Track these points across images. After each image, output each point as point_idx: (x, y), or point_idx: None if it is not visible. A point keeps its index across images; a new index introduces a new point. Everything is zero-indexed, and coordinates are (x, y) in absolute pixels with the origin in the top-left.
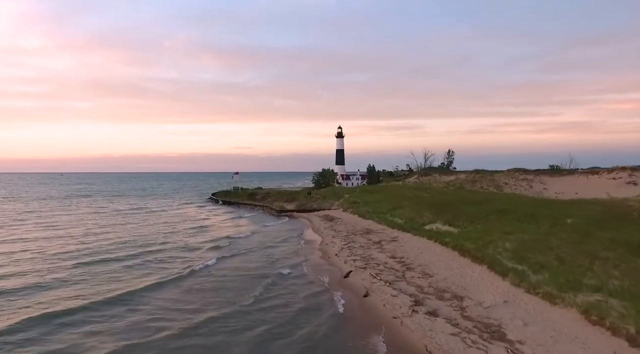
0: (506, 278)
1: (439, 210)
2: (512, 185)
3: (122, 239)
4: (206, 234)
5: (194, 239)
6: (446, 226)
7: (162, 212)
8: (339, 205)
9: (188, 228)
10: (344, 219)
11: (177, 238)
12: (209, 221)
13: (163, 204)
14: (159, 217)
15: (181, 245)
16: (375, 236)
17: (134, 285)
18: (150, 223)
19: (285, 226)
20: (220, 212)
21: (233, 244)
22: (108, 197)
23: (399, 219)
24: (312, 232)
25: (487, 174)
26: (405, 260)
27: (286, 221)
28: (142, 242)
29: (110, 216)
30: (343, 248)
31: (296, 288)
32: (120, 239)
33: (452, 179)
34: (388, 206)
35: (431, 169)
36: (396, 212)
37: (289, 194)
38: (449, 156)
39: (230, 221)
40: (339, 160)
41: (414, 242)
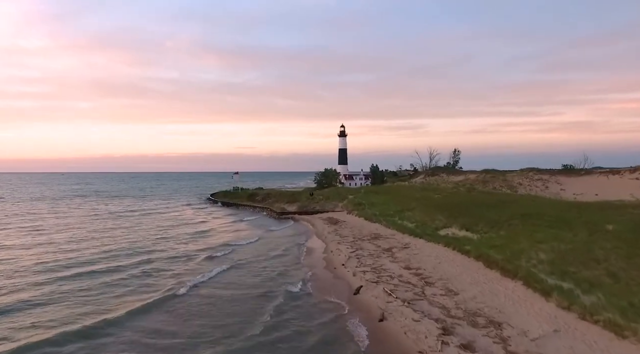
0: (550, 298)
1: (452, 213)
2: (527, 186)
3: (109, 247)
4: (202, 241)
5: (189, 247)
6: (463, 231)
7: (157, 215)
8: (343, 207)
9: (183, 233)
10: (349, 222)
11: (170, 245)
12: (206, 224)
13: (160, 206)
14: (153, 221)
15: (174, 254)
16: (385, 242)
17: (109, 310)
18: (143, 227)
19: (286, 231)
20: (218, 215)
21: (231, 253)
22: (104, 198)
23: (409, 222)
24: (316, 238)
25: (499, 174)
26: (423, 272)
27: (288, 225)
28: (131, 251)
29: (101, 219)
30: (350, 257)
31: (304, 312)
32: (106, 247)
33: (461, 180)
34: (396, 208)
35: (438, 169)
36: (405, 215)
37: (290, 195)
38: (455, 155)
39: (228, 225)
40: (342, 159)
41: (428, 249)
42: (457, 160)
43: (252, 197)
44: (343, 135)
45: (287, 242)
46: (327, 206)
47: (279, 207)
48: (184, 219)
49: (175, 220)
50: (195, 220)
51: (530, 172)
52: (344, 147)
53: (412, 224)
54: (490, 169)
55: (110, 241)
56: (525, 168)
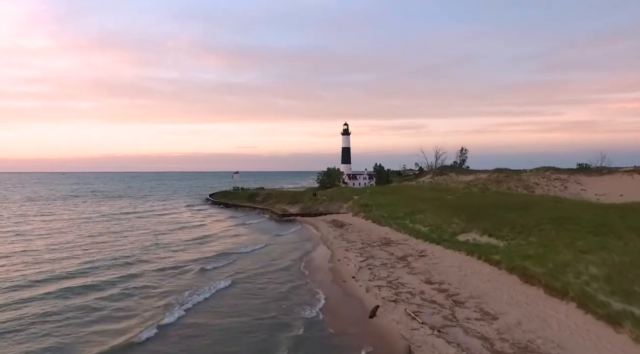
0: (621, 329)
1: (470, 216)
2: (544, 186)
3: (92, 257)
4: (197, 249)
5: (182, 257)
6: (485, 236)
7: (152, 218)
8: (348, 208)
9: (177, 240)
10: (356, 225)
11: (160, 255)
12: (203, 228)
13: (156, 207)
14: (146, 224)
15: (164, 265)
16: (398, 248)
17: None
18: (134, 233)
19: (289, 236)
20: (216, 217)
21: (229, 265)
22: (100, 199)
23: (422, 226)
24: (321, 244)
25: (513, 173)
26: (448, 287)
27: (291, 230)
28: (116, 262)
29: (91, 222)
30: (361, 267)
31: (314, 345)
32: (89, 258)
33: (472, 179)
34: (405, 210)
35: (446, 168)
36: (416, 218)
37: (292, 195)
38: (462, 154)
39: (226, 229)
40: (345, 159)
41: (449, 258)
42: (464, 159)
43: (253, 198)
44: (346, 133)
45: (290, 250)
46: (331, 208)
47: (280, 209)
48: (180, 222)
49: (171, 223)
50: (192, 223)
51: (546, 172)
52: (348, 146)
53: (426, 227)
54: (502, 168)
55: (95, 249)
56: (540, 167)
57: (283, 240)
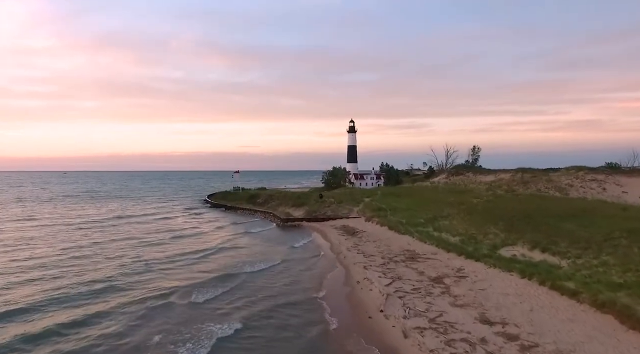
0: None
1: (510, 224)
2: (579, 187)
3: (47, 284)
4: (186, 269)
5: (165, 281)
6: (536, 251)
7: (142, 224)
8: (359, 212)
9: (164, 255)
10: (371, 233)
11: (140, 278)
12: (197, 238)
13: (150, 210)
14: (133, 232)
15: (140, 296)
16: (428, 265)
17: None
18: (115, 244)
19: (297, 248)
20: (213, 223)
21: (226, 296)
22: (92, 200)
23: (450, 235)
24: (333, 257)
25: (540, 173)
26: (517, 331)
27: (301, 242)
28: (75, 292)
29: (72, 229)
30: (389, 295)
31: None
32: (42, 284)
33: (493, 180)
34: (426, 215)
35: (462, 168)
36: (440, 225)
37: (296, 197)
38: (474, 152)
39: (223, 239)
40: (351, 157)
41: (498, 281)
42: (477, 158)
43: (253, 199)
44: (352, 131)
45: (300, 270)
46: (340, 211)
47: (283, 212)
48: (173, 230)
49: (161, 231)
50: (185, 231)
51: (580, 172)
52: (354, 144)
53: (455, 237)
54: (525, 167)
55: (58, 270)
56: (571, 166)
57: (290, 254)
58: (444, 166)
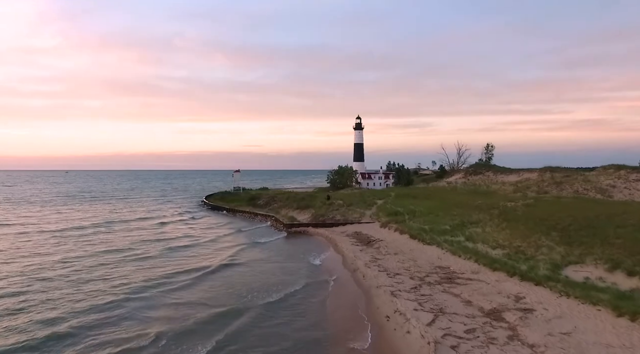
0: None
1: (567, 235)
2: (623, 188)
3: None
4: (169, 304)
5: (131, 328)
6: (619, 273)
7: (131, 232)
8: (372, 216)
9: (147, 275)
10: (390, 242)
11: (102, 319)
12: (190, 251)
13: (143, 213)
14: (117, 242)
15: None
16: (472, 290)
17: None
18: (91, 261)
19: (308, 266)
20: (209, 230)
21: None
22: (86, 201)
23: (487, 246)
24: (347, 278)
25: (573, 172)
26: None
27: (313, 259)
28: (18, 339)
29: (47, 238)
30: (437, 344)
31: None
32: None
33: (517, 180)
34: (452, 221)
35: (481, 166)
36: (472, 233)
37: (300, 199)
38: (488, 151)
39: (221, 253)
40: (358, 156)
41: (581, 319)
42: (491, 157)
43: (253, 201)
44: (359, 128)
45: (317, 300)
46: (350, 215)
47: (286, 216)
48: (163, 239)
49: (146, 242)
50: (174, 240)
51: (620, 171)
52: (361, 142)
53: (496, 250)
54: (553, 166)
55: (13, 301)
56: (608, 165)
57: (309, 275)
58: (455, 165)
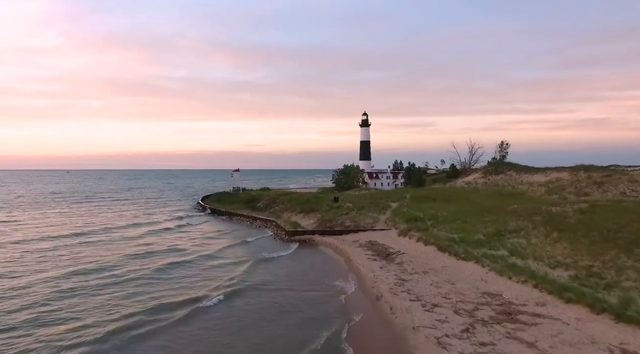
0: None
1: None
2: None
3: None
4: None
5: None
6: None
7: (112, 243)
8: (387, 222)
9: (112, 317)
10: (414, 255)
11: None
12: (179, 272)
13: (132, 218)
14: (89, 258)
15: None
16: (548, 335)
17: None
18: (47, 288)
19: (322, 291)
20: (202, 238)
21: None
22: (76, 203)
23: (542, 264)
24: (367, 308)
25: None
26: None
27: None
28: None
29: (7, 252)
30: None
31: None
32: None
33: (547, 180)
34: (484, 228)
35: (502, 165)
36: (516, 246)
37: (305, 201)
38: (502, 149)
39: (209, 273)
40: (364, 154)
41: None
42: (505, 155)
43: (252, 203)
44: (366, 125)
45: None
46: (362, 221)
47: (289, 221)
48: (147, 253)
49: (128, 258)
50: (162, 254)
51: None
52: (367, 140)
53: (555, 269)
54: (586, 164)
55: None
56: None
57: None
58: (467, 164)
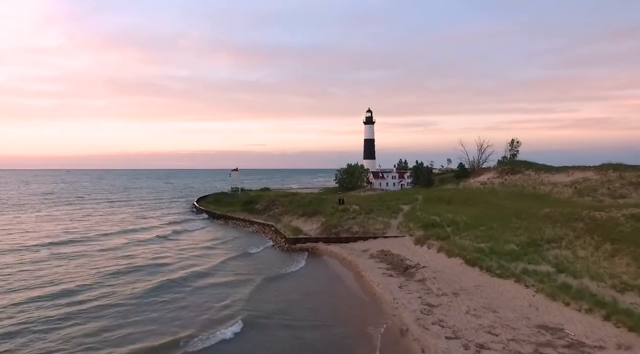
0: None
1: None
2: None
3: None
4: None
5: None
6: None
7: (89, 258)
8: (401, 228)
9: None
10: (437, 269)
11: None
12: (156, 302)
13: (119, 223)
14: (56, 277)
15: None
16: None
17: None
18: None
19: None
20: (194, 250)
21: None
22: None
23: (606, 286)
24: (392, 350)
25: None
26: None
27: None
28: None
29: None
30: None
31: None
32: None
33: (573, 180)
34: (516, 236)
35: (518, 164)
36: (560, 258)
37: (307, 203)
38: (513, 147)
39: (201, 300)
40: (369, 153)
41: None
42: (516, 153)
43: (250, 205)
44: (370, 122)
45: None
46: (370, 226)
47: (289, 226)
48: (126, 272)
49: (103, 277)
50: (145, 272)
51: None
52: (371, 137)
53: (625, 294)
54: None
55: None
56: None
57: None
58: (476, 163)
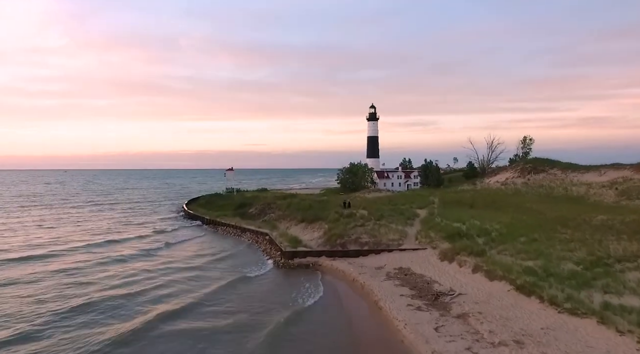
0: None
1: None
2: None
3: None
4: None
5: None
6: None
7: (40, 281)
8: (420, 238)
9: None
10: (479, 299)
11: None
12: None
13: (98, 232)
14: (16, 309)
15: None
16: None
17: None
18: None
19: None
20: (178, 270)
21: None
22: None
23: None
24: None
25: None
26: None
27: None
28: None
29: None
30: None
31: None
32: None
33: (609, 180)
34: (570, 252)
35: (541, 162)
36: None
37: (307, 207)
38: (525, 145)
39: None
40: (372, 151)
41: None
42: (528, 151)
43: (243, 209)
44: (374, 118)
45: None
46: (383, 235)
47: (286, 235)
48: (77, 309)
49: (46, 314)
50: (101, 312)
51: None
52: (375, 135)
53: None
54: None
55: None
56: None
57: None
58: (486, 162)
